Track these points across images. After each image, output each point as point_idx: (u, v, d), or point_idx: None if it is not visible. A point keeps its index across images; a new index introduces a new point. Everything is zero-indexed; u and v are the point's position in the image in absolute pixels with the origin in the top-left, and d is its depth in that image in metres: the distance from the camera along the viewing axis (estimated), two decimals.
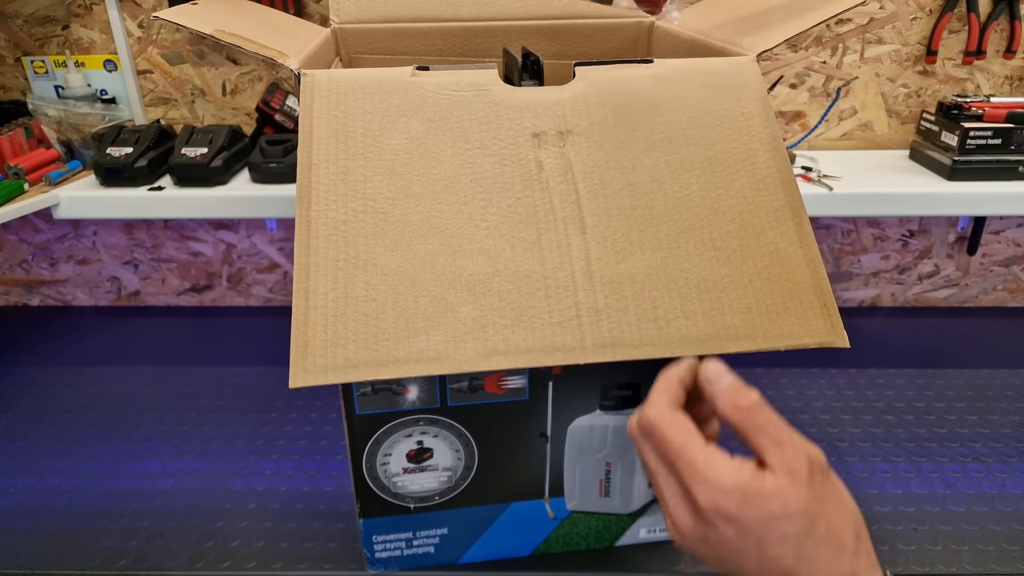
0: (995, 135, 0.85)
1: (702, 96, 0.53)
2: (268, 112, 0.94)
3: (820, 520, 0.33)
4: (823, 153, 0.98)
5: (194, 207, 0.86)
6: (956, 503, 0.69)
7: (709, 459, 0.34)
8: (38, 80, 0.99)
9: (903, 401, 0.86)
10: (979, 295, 1.10)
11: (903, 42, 0.94)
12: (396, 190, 0.48)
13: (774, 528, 0.32)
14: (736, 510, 0.33)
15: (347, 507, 0.68)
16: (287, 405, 0.85)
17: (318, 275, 0.45)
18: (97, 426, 0.82)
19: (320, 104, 0.51)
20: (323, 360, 0.43)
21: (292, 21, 0.80)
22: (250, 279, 1.11)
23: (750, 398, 0.35)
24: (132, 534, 0.66)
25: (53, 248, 1.09)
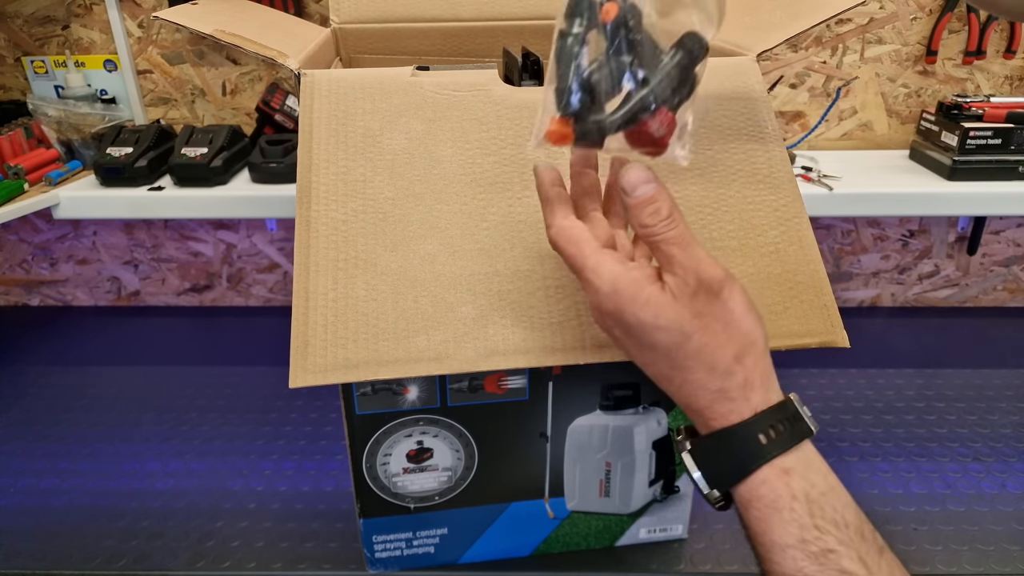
0: (995, 135, 0.85)
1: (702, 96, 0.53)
2: (268, 112, 0.93)
3: (694, 338, 0.34)
4: (823, 153, 0.98)
5: (194, 207, 0.86)
6: (956, 503, 0.69)
7: (596, 265, 0.35)
8: (38, 80, 0.99)
9: (903, 401, 0.86)
10: (979, 295, 1.10)
11: (903, 42, 0.94)
12: (396, 190, 0.48)
13: (647, 335, 0.35)
14: (615, 311, 0.35)
15: (347, 507, 0.68)
16: (287, 405, 0.85)
17: (318, 275, 0.45)
18: (97, 426, 0.82)
19: (320, 104, 0.51)
20: (323, 360, 0.43)
21: (292, 21, 0.81)
22: (250, 279, 1.11)
23: (660, 212, 0.34)
24: (132, 534, 0.66)
25: (53, 248, 1.09)
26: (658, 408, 0.56)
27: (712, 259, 0.35)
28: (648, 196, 0.34)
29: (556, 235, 0.37)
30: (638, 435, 0.56)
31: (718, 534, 0.65)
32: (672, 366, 0.35)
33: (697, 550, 0.63)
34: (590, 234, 0.36)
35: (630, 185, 0.35)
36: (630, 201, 0.35)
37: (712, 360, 0.34)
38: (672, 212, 0.35)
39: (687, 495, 0.61)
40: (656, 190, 0.35)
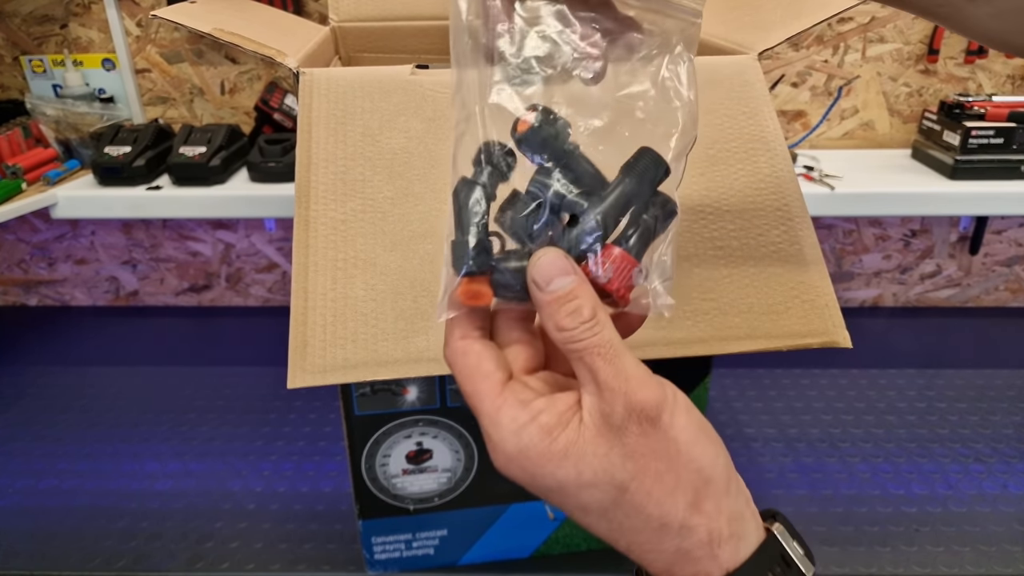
0: (997, 134, 0.84)
1: (703, 94, 0.53)
2: (267, 111, 0.93)
3: (631, 489, 0.25)
4: (825, 152, 0.97)
5: (192, 206, 0.85)
6: (958, 504, 0.69)
7: (495, 412, 0.26)
8: (36, 79, 0.99)
9: (905, 401, 0.85)
10: (981, 295, 1.09)
11: (905, 41, 0.94)
12: (395, 189, 0.48)
13: (571, 498, 0.26)
14: (526, 476, 0.26)
15: (346, 508, 0.68)
16: (286, 406, 0.85)
17: (317, 275, 0.45)
18: (96, 427, 0.82)
19: (319, 103, 0.50)
20: (322, 360, 0.43)
21: (291, 20, 0.80)
22: (249, 279, 1.11)
23: (580, 313, 0.25)
24: (131, 535, 0.65)
25: (51, 248, 1.09)
26: None
27: (646, 373, 0.26)
28: (565, 291, 0.25)
29: (448, 359, 0.27)
30: None
31: None
32: (612, 527, 0.26)
33: None
34: (493, 364, 0.27)
35: (542, 277, 0.26)
36: (543, 297, 0.26)
37: (661, 515, 0.26)
38: (596, 313, 0.26)
39: None
40: (576, 284, 0.25)
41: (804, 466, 0.75)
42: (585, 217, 0.25)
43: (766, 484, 0.73)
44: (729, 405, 0.84)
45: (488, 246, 0.26)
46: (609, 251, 0.25)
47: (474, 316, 0.28)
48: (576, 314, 0.25)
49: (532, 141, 0.25)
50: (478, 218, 0.26)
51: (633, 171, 0.26)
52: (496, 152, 0.26)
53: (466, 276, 0.26)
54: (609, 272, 0.26)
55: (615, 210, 0.26)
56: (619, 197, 0.26)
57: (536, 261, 0.26)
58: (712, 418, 0.83)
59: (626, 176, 0.26)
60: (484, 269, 0.26)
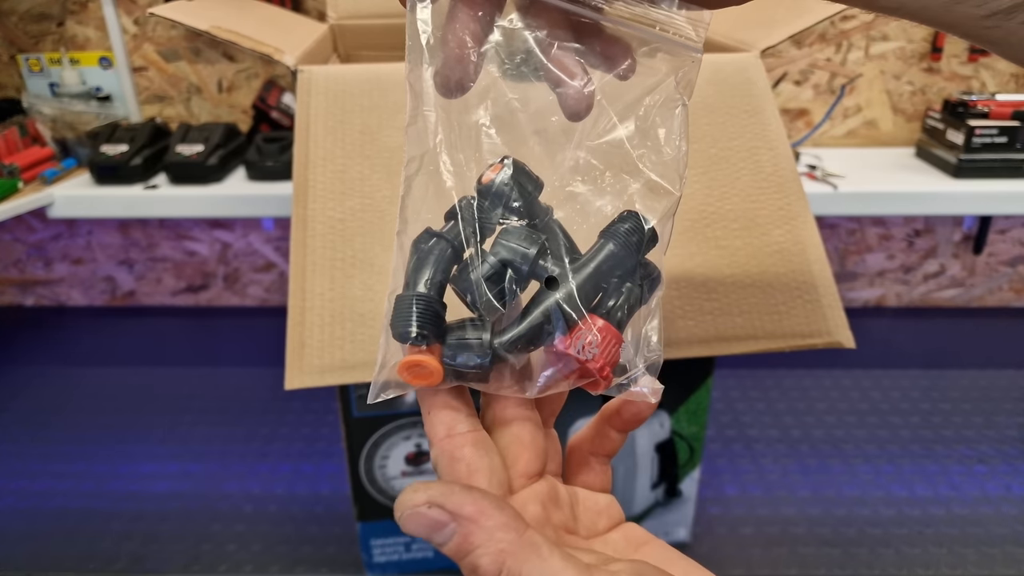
0: (1001, 133, 0.84)
1: (705, 93, 0.52)
2: (264, 109, 0.93)
3: None
4: (828, 151, 0.97)
5: (189, 205, 0.85)
6: (961, 505, 0.68)
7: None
8: (33, 77, 0.98)
9: (908, 402, 0.85)
10: (985, 295, 1.09)
11: (908, 39, 0.93)
12: (394, 188, 0.47)
13: None
14: None
15: (345, 510, 0.68)
16: (283, 407, 0.84)
17: (315, 275, 0.44)
18: (92, 427, 0.82)
19: (317, 101, 0.50)
20: (319, 361, 0.42)
21: (289, 17, 0.80)
22: (246, 279, 1.10)
23: None
24: (127, 536, 0.65)
25: (48, 247, 1.08)
26: (661, 411, 0.55)
27: None
28: (452, 548, 0.19)
29: (433, 459, 0.22)
30: (640, 438, 0.55)
31: (721, 538, 0.64)
32: None
33: (700, 554, 0.62)
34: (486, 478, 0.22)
35: (419, 535, 0.19)
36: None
37: None
38: (503, 564, 0.19)
39: (690, 499, 0.60)
40: (462, 535, 0.19)
41: (807, 467, 0.75)
42: (565, 282, 0.22)
43: (769, 485, 0.72)
44: (731, 406, 0.84)
45: (440, 310, 0.22)
46: (591, 322, 0.21)
47: (460, 398, 0.23)
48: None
49: (499, 196, 0.22)
50: (438, 276, 0.22)
51: (616, 236, 0.22)
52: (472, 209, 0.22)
53: (411, 345, 0.21)
54: (594, 348, 0.21)
55: (596, 278, 0.22)
56: (601, 263, 0.22)
57: (399, 516, 0.19)
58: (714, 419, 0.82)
59: (608, 241, 0.22)
60: (433, 338, 0.21)
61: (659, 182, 0.23)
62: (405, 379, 0.21)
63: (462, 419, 0.22)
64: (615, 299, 0.22)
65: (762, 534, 0.66)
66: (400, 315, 0.21)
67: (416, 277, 0.22)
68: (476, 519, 0.19)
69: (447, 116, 0.22)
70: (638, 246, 0.23)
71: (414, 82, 0.22)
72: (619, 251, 0.22)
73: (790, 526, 0.67)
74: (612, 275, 0.22)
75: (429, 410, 0.22)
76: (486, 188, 0.22)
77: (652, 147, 0.23)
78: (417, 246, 0.22)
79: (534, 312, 0.21)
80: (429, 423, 0.23)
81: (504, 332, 0.22)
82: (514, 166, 0.22)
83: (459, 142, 0.23)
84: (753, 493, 0.71)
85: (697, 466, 0.60)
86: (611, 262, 0.22)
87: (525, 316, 0.22)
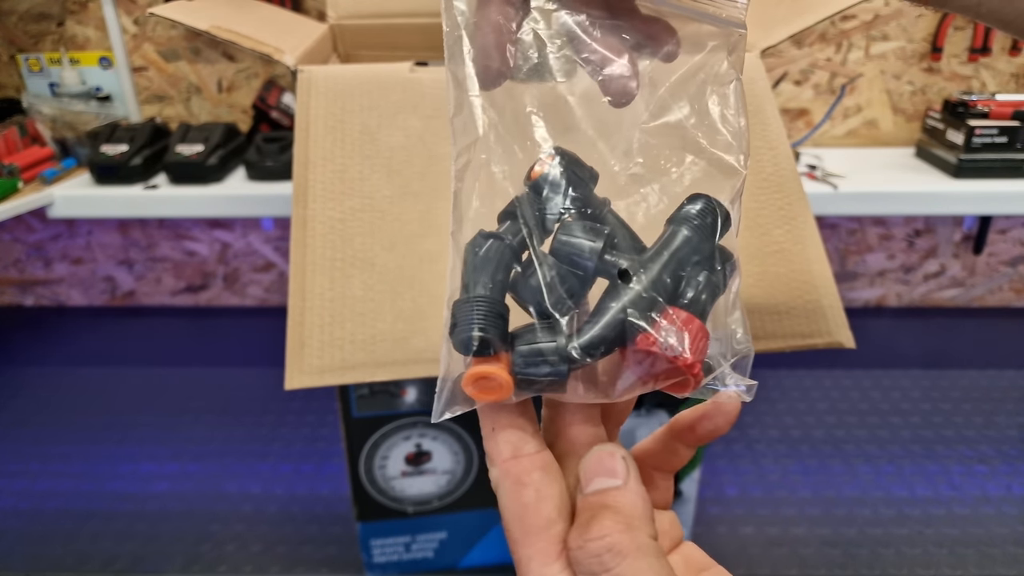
0: (1001, 133, 0.84)
1: None
2: (264, 109, 0.92)
3: None
4: (828, 151, 0.97)
5: (189, 205, 0.85)
6: (961, 505, 0.68)
7: None
8: (33, 77, 0.98)
9: (909, 403, 0.85)
10: (985, 295, 1.09)
11: (908, 39, 0.93)
12: (394, 188, 0.47)
13: None
14: None
15: (344, 511, 0.68)
16: (283, 407, 0.84)
17: (314, 274, 0.44)
18: (92, 428, 0.81)
19: (317, 101, 0.50)
20: (319, 361, 0.42)
21: (289, 17, 0.79)
22: (246, 279, 1.10)
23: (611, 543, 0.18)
24: (127, 537, 0.65)
25: (47, 247, 1.08)
26: (661, 410, 0.55)
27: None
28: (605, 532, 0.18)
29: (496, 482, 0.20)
30: (640, 437, 0.55)
31: (722, 538, 0.64)
32: None
33: None
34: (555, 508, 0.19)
35: (586, 473, 0.20)
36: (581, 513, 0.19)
37: None
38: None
39: (690, 499, 0.60)
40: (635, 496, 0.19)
41: (807, 467, 0.74)
42: (639, 274, 0.19)
43: (769, 486, 0.72)
44: None
45: (505, 312, 0.19)
46: (674, 315, 0.19)
47: (525, 415, 0.21)
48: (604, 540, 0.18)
49: (555, 188, 0.20)
50: (499, 275, 0.20)
51: (687, 221, 0.20)
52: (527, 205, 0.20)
53: (476, 357, 0.19)
54: (683, 343, 0.19)
55: (672, 267, 0.20)
56: (675, 251, 0.20)
57: (588, 457, 0.20)
58: None
59: (680, 227, 0.20)
60: (499, 345, 0.19)
61: (724, 158, 0.21)
62: (471, 394, 0.19)
63: (529, 438, 0.20)
64: (694, 290, 0.20)
65: (762, 534, 0.66)
66: (461, 321, 0.19)
67: (475, 280, 0.20)
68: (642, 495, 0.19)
69: (492, 103, 0.21)
70: (712, 230, 0.21)
71: (456, 71, 0.21)
72: (693, 237, 0.20)
73: (790, 526, 0.67)
74: (688, 263, 0.20)
75: (493, 427, 0.21)
76: (539, 182, 0.20)
77: (710, 125, 0.22)
78: (472, 250, 0.20)
79: (611, 309, 0.19)
80: (493, 442, 0.21)
81: (580, 334, 0.19)
82: (565, 156, 0.20)
83: (507, 130, 0.21)
84: (753, 493, 0.71)
85: (697, 466, 0.60)
86: (686, 249, 0.20)
87: (599, 315, 0.19)
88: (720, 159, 0.21)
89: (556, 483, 0.20)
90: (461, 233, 0.21)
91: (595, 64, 0.21)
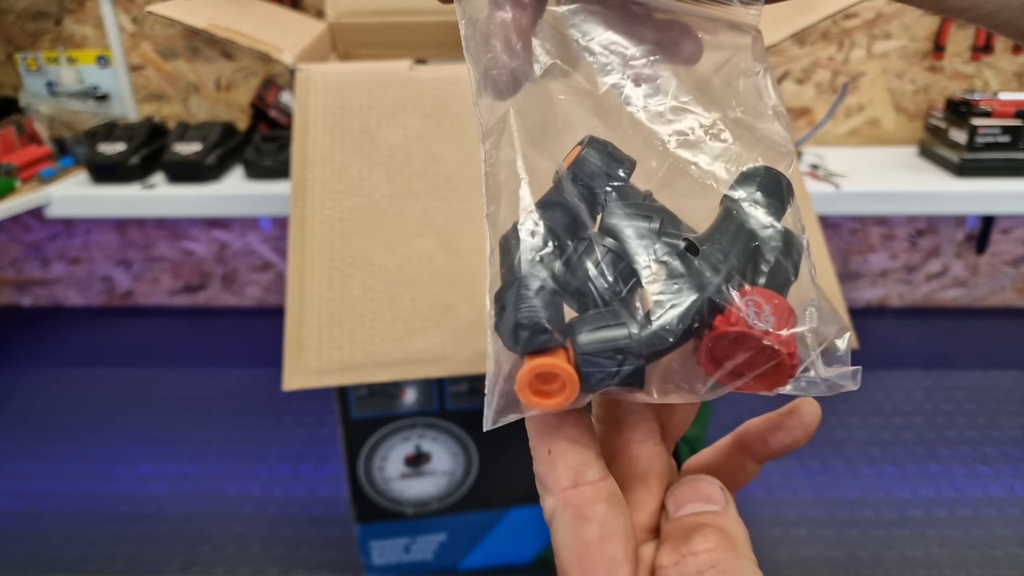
0: (1004, 132, 0.83)
1: None
2: (263, 108, 0.92)
3: None
4: (830, 150, 0.96)
5: (187, 204, 0.84)
6: (964, 507, 0.68)
7: None
8: (30, 76, 0.97)
9: (911, 403, 0.84)
10: (988, 295, 1.08)
11: (911, 37, 0.93)
12: (393, 187, 0.47)
13: None
14: None
15: (344, 512, 0.67)
16: (281, 408, 0.84)
17: (313, 274, 0.44)
18: (89, 428, 0.81)
19: (315, 99, 0.49)
20: (318, 362, 0.42)
21: (287, 15, 0.79)
22: (244, 279, 1.10)
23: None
24: (125, 538, 0.64)
25: (45, 247, 1.08)
26: None
27: None
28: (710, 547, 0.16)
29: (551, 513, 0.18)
30: None
31: None
32: None
33: None
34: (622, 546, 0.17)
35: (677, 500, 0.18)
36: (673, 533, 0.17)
37: None
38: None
39: None
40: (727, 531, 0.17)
41: (809, 469, 0.74)
42: (707, 252, 0.17)
43: (771, 487, 0.72)
44: (733, 407, 0.83)
45: (561, 304, 0.17)
46: (753, 292, 0.17)
47: (586, 431, 0.18)
48: None
49: (592, 176, 0.18)
50: (546, 266, 0.17)
51: (747, 191, 0.18)
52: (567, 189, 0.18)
53: (532, 354, 0.16)
54: (770, 319, 0.16)
55: (738, 242, 0.18)
56: (739, 228, 0.18)
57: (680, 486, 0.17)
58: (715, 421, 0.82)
59: (739, 202, 0.18)
60: (559, 337, 0.16)
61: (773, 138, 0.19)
62: (528, 400, 0.16)
63: (592, 461, 0.17)
64: (768, 266, 0.17)
65: (764, 536, 0.65)
66: (510, 306, 0.16)
67: (521, 259, 0.17)
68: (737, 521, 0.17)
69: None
70: (776, 201, 0.18)
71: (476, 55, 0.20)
72: (754, 211, 0.18)
73: (792, 528, 0.66)
74: (755, 239, 0.18)
75: (550, 446, 0.17)
76: (574, 170, 0.18)
77: (746, 111, 0.20)
78: (508, 243, 0.18)
79: (683, 289, 0.17)
80: (549, 465, 0.17)
81: (652, 319, 0.16)
82: (598, 145, 0.18)
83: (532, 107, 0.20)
84: (755, 495, 0.71)
85: None
86: (750, 223, 0.18)
87: (669, 296, 0.17)
88: (770, 139, 0.19)
89: (622, 517, 0.17)
90: (499, 215, 0.18)
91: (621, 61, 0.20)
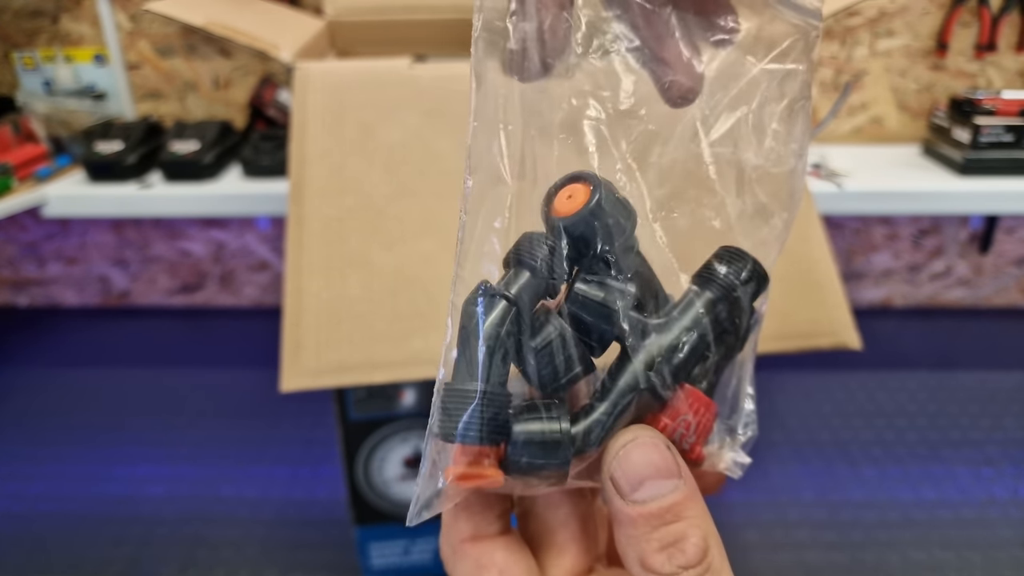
0: (1008, 131, 0.83)
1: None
2: (260, 106, 0.92)
3: None
4: (833, 148, 0.96)
5: (184, 204, 0.84)
6: (968, 509, 0.68)
7: None
8: (27, 75, 0.97)
9: (914, 404, 0.84)
10: (992, 295, 1.08)
11: (914, 36, 0.92)
12: (392, 186, 0.46)
13: None
14: None
15: (342, 514, 0.67)
16: (279, 409, 0.83)
17: (311, 274, 0.43)
18: (86, 430, 0.80)
19: (314, 97, 0.49)
20: (316, 363, 0.41)
21: (285, 13, 0.78)
22: (241, 279, 1.09)
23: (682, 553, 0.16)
24: (122, 540, 0.64)
25: (41, 247, 1.07)
26: None
27: None
28: (664, 506, 0.16)
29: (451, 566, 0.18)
30: None
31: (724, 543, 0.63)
32: None
33: None
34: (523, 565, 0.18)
35: (628, 476, 0.16)
36: (624, 509, 0.16)
37: None
38: (707, 552, 0.16)
39: None
40: (683, 496, 0.16)
41: (811, 470, 0.74)
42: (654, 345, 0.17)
43: (773, 490, 0.71)
44: None
45: (505, 401, 0.16)
46: (684, 396, 0.17)
47: (489, 497, 0.18)
48: (677, 550, 0.16)
49: (584, 240, 0.16)
50: (497, 354, 0.16)
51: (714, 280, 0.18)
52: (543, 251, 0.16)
53: (464, 444, 0.16)
54: (691, 434, 0.17)
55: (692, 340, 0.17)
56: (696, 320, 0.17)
57: (621, 447, 0.16)
58: None
59: (706, 286, 0.18)
60: (497, 438, 0.16)
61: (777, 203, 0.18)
62: (459, 487, 0.16)
63: (493, 519, 0.18)
64: (711, 361, 0.17)
65: (766, 539, 0.65)
66: (448, 408, 0.16)
67: (470, 354, 0.16)
68: (696, 490, 0.17)
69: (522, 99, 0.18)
70: (744, 296, 0.18)
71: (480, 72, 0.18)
72: (720, 304, 0.18)
73: (794, 530, 0.66)
74: (711, 333, 0.17)
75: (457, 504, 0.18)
76: (567, 225, 0.16)
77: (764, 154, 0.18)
78: (469, 309, 0.17)
79: (617, 389, 0.17)
80: (452, 518, 0.18)
81: (584, 416, 0.17)
82: (604, 192, 0.16)
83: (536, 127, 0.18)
84: (757, 497, 0.70)
85: None
86: (710, 316, 0.17)
87: (606, 394, 0.17)
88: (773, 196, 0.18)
89: (524, 560, 0.18)
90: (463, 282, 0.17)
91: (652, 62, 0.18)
